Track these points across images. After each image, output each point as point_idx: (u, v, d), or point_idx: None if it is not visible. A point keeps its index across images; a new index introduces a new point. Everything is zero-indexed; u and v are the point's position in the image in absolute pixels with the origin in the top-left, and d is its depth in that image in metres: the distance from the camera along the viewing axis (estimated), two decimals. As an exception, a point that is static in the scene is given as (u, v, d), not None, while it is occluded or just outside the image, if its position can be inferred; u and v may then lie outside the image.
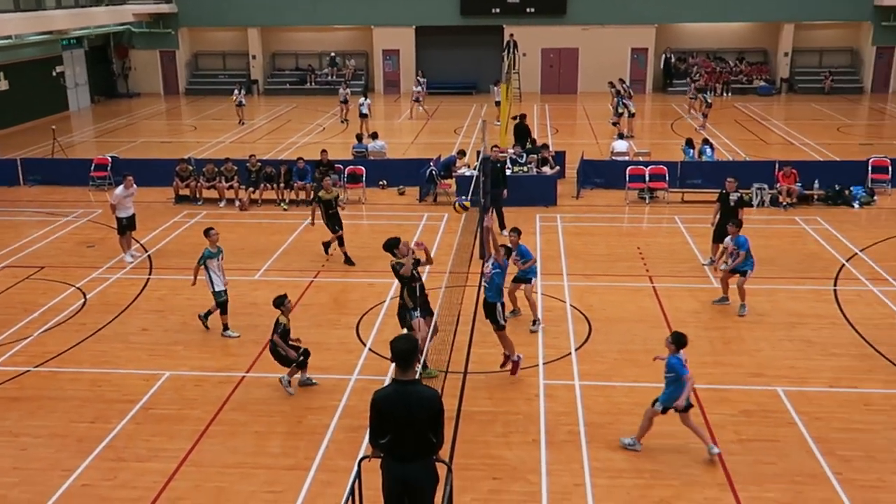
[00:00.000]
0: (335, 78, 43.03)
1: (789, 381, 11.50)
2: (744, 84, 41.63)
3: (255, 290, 15.26)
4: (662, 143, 28.34)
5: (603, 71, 40.45)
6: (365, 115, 31.62)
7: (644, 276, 15.77)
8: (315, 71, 44.20)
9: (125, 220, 17.08)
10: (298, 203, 21.41)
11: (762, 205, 20.72)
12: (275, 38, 44.61)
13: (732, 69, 42.22)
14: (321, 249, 17.47)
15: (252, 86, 43.76)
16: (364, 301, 14.60)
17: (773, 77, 42.19)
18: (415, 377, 6.78)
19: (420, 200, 21.49)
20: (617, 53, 41.65)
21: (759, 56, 43.15)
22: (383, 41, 42.76)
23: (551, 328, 13.37)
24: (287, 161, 22.54)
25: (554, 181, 21.17)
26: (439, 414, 6.78)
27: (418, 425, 6.72)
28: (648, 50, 42.03)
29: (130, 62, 43.69)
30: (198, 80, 44.45)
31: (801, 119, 33.88)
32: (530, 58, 41.67)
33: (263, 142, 30.03)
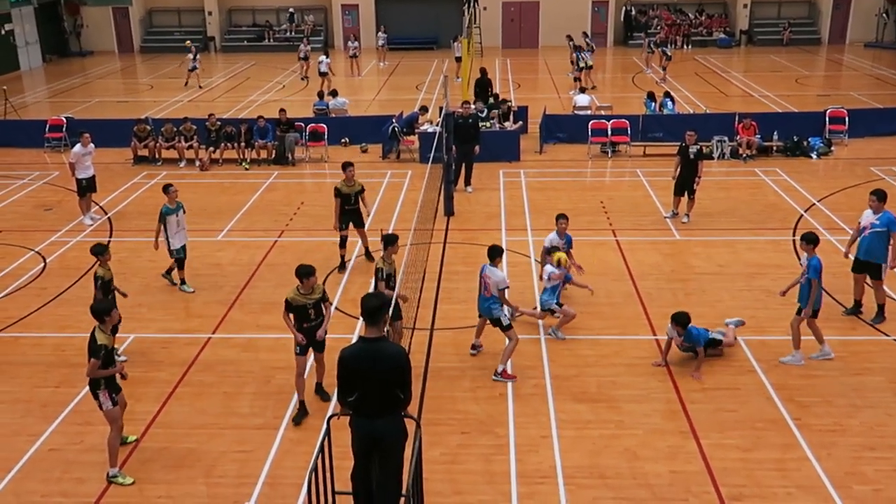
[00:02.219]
0: (294, 34, 42.30)
1: (750, 330, 11.72)
2: (703, 36, 41.72)
3: (218, 251, 15.12)
4: (624, 97, 28.38)
5: (564, 25, 40.26)
6: (325, 73, 31.21)
7: (607, 229, 15.89)
8: (273, 27, 43.42)
9: (85, 182, 16.73)
10: (260, 162, 21.18)
11: (722, 157, 20.90)
12: (231, -7, 43.67)
13: (692, 21, 42.26)
14: (284, 208, 17.31)
15: (209, 42, 42.89)
16: (329, 261, 14.54)
17: (733, 29, 42.30)
18: (382, 334, 6.80)
19: (383, 158, 21.36)
20: (578, 6, 41.47)
21: (719, 8, 43.19)
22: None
23: (516, 283, 13.44)
24: (247, 120, 22.21)
25: (517, 136, 21.15)
26: (406, 370, 6.83)
27: (385, 381, 6.77)
28: (609, 3, 41.85)
29: (82, 19, 42.51)
30: (152, 38, 43.46)
31: (760, 71, 34.10)
32: (491, 12, 41.32)
33: (222, 100, 29.52)
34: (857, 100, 27.01)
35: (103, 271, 10.84)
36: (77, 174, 16.62)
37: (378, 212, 17.07)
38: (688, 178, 15.97)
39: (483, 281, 10.82)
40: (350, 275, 13.92)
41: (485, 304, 10.82)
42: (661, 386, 10.45)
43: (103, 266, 10.88)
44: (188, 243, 13.63)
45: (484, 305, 10.85)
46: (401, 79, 33.73)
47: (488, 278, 10.71)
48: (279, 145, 21.10)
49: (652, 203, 17.43)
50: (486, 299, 10.80)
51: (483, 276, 10.82)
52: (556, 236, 12.66)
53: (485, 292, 10.81)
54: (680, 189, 16.14)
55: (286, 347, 11.51)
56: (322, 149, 21.70)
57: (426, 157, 19.09)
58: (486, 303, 10.80)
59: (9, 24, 36.61)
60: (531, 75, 34.44)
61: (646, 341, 11.57)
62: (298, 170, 20.78)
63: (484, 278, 10.79)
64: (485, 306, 10.83)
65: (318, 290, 9.93)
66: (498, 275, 10.67)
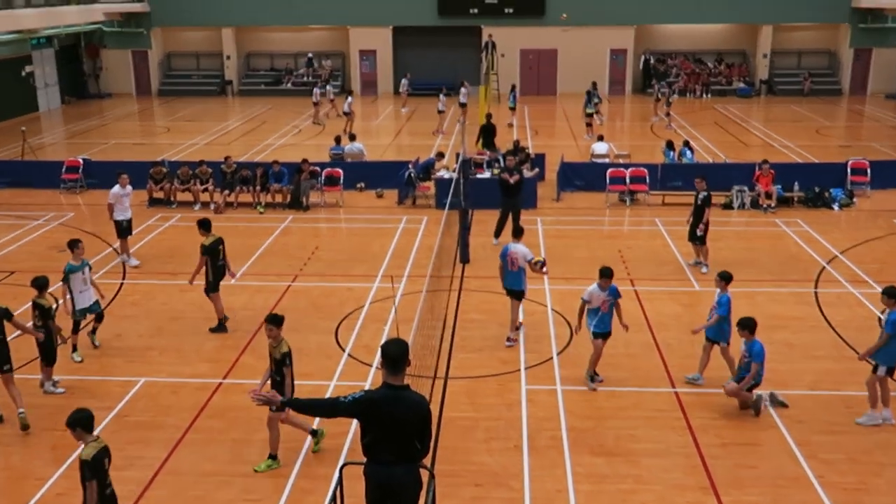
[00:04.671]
0: (311, 79, 42.93)
1: (771, 384, 11.62)
2: (723, 85, 42.02)
3: (231, 295, 15.18)
4: (642, 145, 28.55)
5: (582, 72, 40.67)
6: (347, 113, 31.63)
7: (626, 279, 15.87)
8: (291, 72, 44.10)
9: (124, 223, 16.96)
10: (275, 206, 21.37)
11: (743, 207, 20.92)
12: (249, 38, 44.46)
13: (711, 70, 42.60)
14: (298, 252, 17.43)
15: (226, 86, 43.58)
16: (343, 306, 14.59)
17: (752, 78, 42.62)
18: (405, 383, 6.78)
19: (399, 203, 21.51)
20: (596, 54, 41.90)
21: (738, 57, 43.57)
22: (360, 41, 42.75)
23: (533, 332, 13.42)
24: (263, 163, 22.48)
25: (534, 183, 21.27)
26: (427, 420, 6.80)
27: (406, 430, 6.73)
28: (627, 51, 42.31)
29: (102, 62, 43.34)
30: (171, 81, 44.20)
31: (781, 121, 34.25)
32: (509, 58, 41.81)
33: (238, 144, 29.90)
34: (879, 151, 27.04)
35: (43, 301, 11.27)
36: (115, 216, 16.83)
37: (393, 257, 17.16)
38: (695, 225, 16.24)
39: (509, 258, 12.79)
40: (364, 321, 13.94)
41: (513, 277, 12.85)
42: (681, 440, 10.35)
43: (42, 297, 11.32)
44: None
45: (512, 279, 12.86)
46: (418, 124, 34.09)
47: (515, 254, 12.77)
48: (295, 189, 21.30)
49: (671, 252, 17.43)
50: (513, 274, 12.84)
51: (509, 253, 12.81)
52: (597, 289, 11.57)
53: (511, 267, 12.81)
54: (691, 235, 16.45)
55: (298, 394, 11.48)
56: (337, 194, 21.89)
57: (442, 203, 19.21)
58: (513, 276, 12.84)
59: (29, 65, 37.37)
60: (549, 122, 34.74)
61: (665, 394, 11.48)
62: (313, 214, 20.95)
63: (510, 255, 12.79)
64: (513, 279, 12.85)
65: (283, 346, 9.67)
66: (523, 249, 12.84)
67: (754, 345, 10.72)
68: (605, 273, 11.47)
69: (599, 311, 11.51)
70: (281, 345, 9.69)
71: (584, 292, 11.63)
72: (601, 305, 11.49)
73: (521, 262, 12.80)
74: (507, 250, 12.91)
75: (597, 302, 11.50)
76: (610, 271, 11.52)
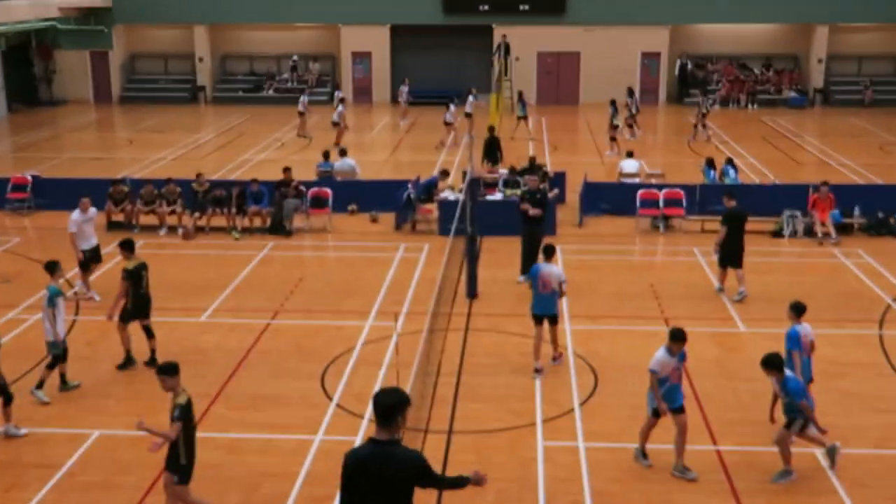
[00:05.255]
0: (296, 84, 43.24)
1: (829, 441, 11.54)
2: (771, 94, 42.22)
3: (202, 334, 15.19)
4: (678, 163, 28.63)
5: (609, 78, 40.83)
6: (337, 123, 31.85)
7: (658, 318, 15.85)
8: (273, 76, 44.42)
9: (88, 253, 17.04)
10: (253, 231, 21.43)
11: (794, 235, 20.92)
12: (225, 37, 44.84)
13: (758, 77, 42.83)
14: (279, 284, 17.44)
15: (198, 93, 43.88)
16: (330, 347, 14.57)
17: (805, 87, 42.81)
18: (395, 437, 6.76)
19: (396, 229, 21.56)
20: (624, 58, 42.13)
21: (790, 63, 43.80)
22: (353, 42, 43.10)
23: (551, 380, 13.39)
24: (240, 182, 22.54)
25: (553, 207, 21.28)
26: (425, 471, 6.79)
27: (395, 491, 6.71)
28: (661, 55, 42.58)
29: (55, 64, 43.67)
30: (135, 86, 44.53)
31: (838, 135, 34.35)
32: (524, 63, 42.09)
33: (212, 159, 30.05)
34: (952, 171, 27.11)
35: None
36: (79, 244, 16.86)
37: (389, 291, 17.17)
38: (736, 246, 16.73)
39: (540, 280, 13.39)
40: (355, 365, 13.92)
41: (545, 301, 13.44)
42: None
43: None
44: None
45: (544, 303, 13.44)
46: (419, 137, 34.25)
47: (548, 275, 13.37)
48: (276, 212, 21.38)
49: (711, 287, 17.41)
50: (545, 297, 13.43)
51: (540, 275, 13.41)
52: (667, 356, 10.74)
53: (543, 290, 13.40)
54: (724, 259, 16.85)
55: (279, 450, 11.46)
56: (325, 217, 21.95)
57: (446, 229, 19.24)
58: (545, 300, 13.43)
59: (-29, 68, 37.69)
60: (570, 135, 34.89)
61: (705, 452, 11.41)
62: (297, 241, 21.00)
63: (542, 277, 13.38)
64: (546, 303, 13.44)
65: (181, 397, 9.47)
66: (557, 270, 13.59)
67: (787, 382, 10.64)
68: (676, 336, 10.69)
69: (669, 380, 10.75)
70: (179, 396, 9.54)
71: (651, 361, 10.74)
72: (671, 374, 10.74)
73: (553, 285, 13.43)
74: (538, 271, 13.51)
75: (666, 371, 10.72)
76: (683, 334, 10.73)
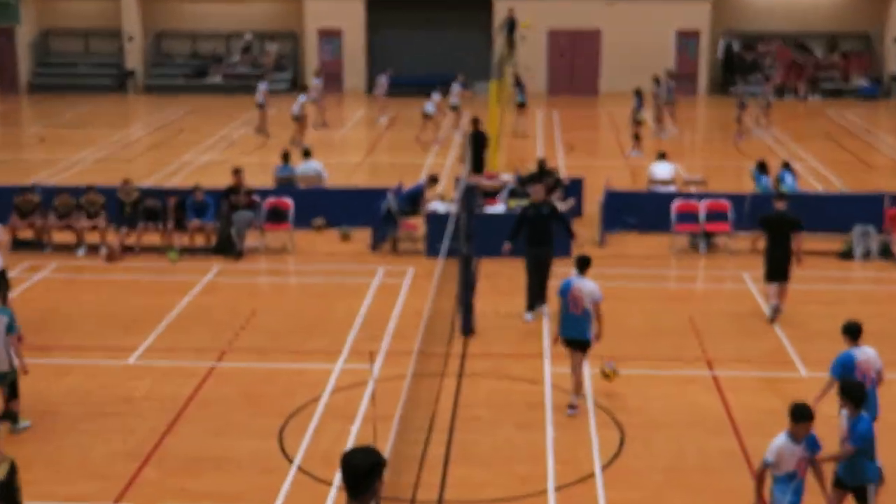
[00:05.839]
0: (250, 69, 43.31)
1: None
2: (837, 82, 42.44)
3: (130, 380, 15.10)
4: (723, 167, 28.72)
5: (637, 63, 40.96)
6: (298, 117, 31.92)
7: (699, 359, 15.84)
8: (221, 59, 44.47)
9: None
10: (194, 251, 21.37)
11: (867, 256, 20.95)
12: (161, 10, 44.94)
13: (820, 61, 43.06)
14: (227, 318, 17.39)
15: (127, 79, 43.89)
16: (291, 396, 14.49)
17: (879, 73, 43.04)
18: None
19: (373, 249, 21.51)
20: (656, 37, 42.35)
21: (859, 44, 44.05)
22: (320, 18, 43.25)
23: (565, 436, 13.34)
24: (178, 190, 22.49)
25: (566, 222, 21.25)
26: None
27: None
28: (701, 34, 42.81)
29: (-51, 44, 43.71)
30: (48, 71, 44.57)
31: (920, 133, 34.53)
32: (532, 44, 42.18)
33: (144, 161, 30.03)
34: None
35: None
36: None
37: (365, 327, 17.13)
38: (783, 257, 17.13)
39: (571, 297, 13.64)
40: (322, 418, 13.85)
41: (575, 323, 13.69)
42: None
43: None
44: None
45: (574, 325, 13.70)
46: (401, 135, 34.29)
47: (579, 291, 13.62)
48: (223, 227, 21.32)
49: (765, 322, 17.40)
50: (575, 319, 13.66)
51: (571, 289, 13.67)
52: (788, 441, 9.83)
53: (574, 309, 13.64)
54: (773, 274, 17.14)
55: (224, 525, 11.36)
56: (285, 234, 21.90)
57: (435, 249, 19.21)
58: (575, 322, 13.68)
59: None
60: (588, 133, 34.99)
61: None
62: (249, 263, 20.96)
63: (573, 293, 13.64)
64: (575, 326, 13.70)
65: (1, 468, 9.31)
66: (591, 285, 13.71)
67: (859, 422, 10.48)
68: (801, 414, 9.70)
69: (796, 476, 9.76)
70: None
71: (767, 451, 9.86)
72: (797, 467, 9.76)
73: (586, 303, 13.65)
74: (570, 286, 13.84)
75: (789, 464, 9.72)
76: (809, 412, 9.77)
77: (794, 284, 17.36)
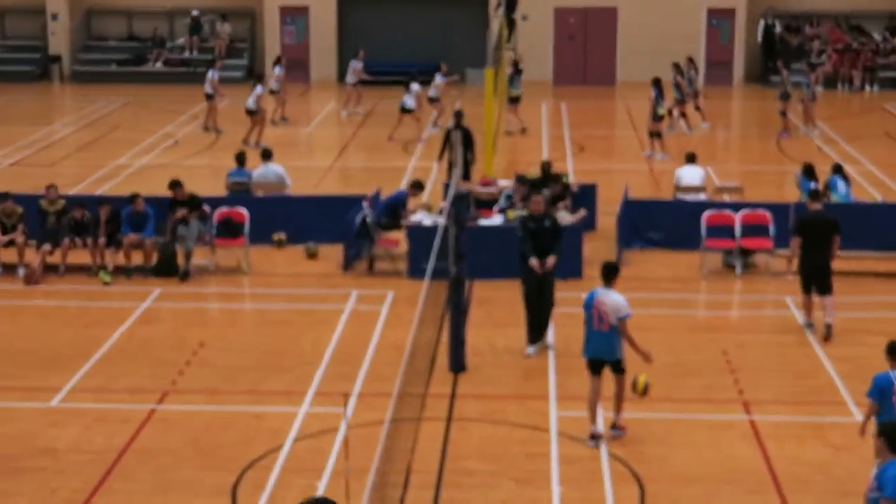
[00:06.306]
0: (197, 54, 43.31)
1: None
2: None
3: (52, 427, 15.04)
4: (762, 171, 28.75)
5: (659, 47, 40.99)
6: (254, 111, 31.83)
7: (735, 400, 15.84)
8: (163, 42, 44.43)
9: None
10: (131, 272, 21.31)
11: (935, 279, 21.03)
12: (93, -16, 44.98)
13: (879, 46, 43.15)
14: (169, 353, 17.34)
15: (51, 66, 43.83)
16: (246, 445, 14.46)
17: (948, 60, 43.21)
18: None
19: (346, 269, 21.49)
20: (683, 18, 42.44)
21: (925, 24, 44.21)
22: (282, -8, 43.36)
23: (575, 493, 13.34)
24: (111, 198, 22.43)
25: (577, 237, 21.25)
26: None
27: None
28: (736, 12, 42.91)
29: None
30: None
31: None
32: (534, 23, 42.31)
33: (71, 164, 29.99)
34: None
35: None
36: None
37: (335, 363, 17.13)
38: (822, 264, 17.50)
39: (595, 310, 14.01)
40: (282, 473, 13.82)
41: (601, 340, 14.05)
42: None
43: None
44: None
45: (600, 343, 14.06)
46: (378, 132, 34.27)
47: (603, 304, 13.96)
48: (167, 243, 21.25)
49: (813, 356, 17.42)
50: (601, 336, 14.02)
51: (595, 303, 14.06)
52: None
53: (599, 325, 14.01)
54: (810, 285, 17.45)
55: None
56: (240, 251, 21.86)
57: (419, 269, 19.19)
58: (602, 339, 14.04)
59: None
60: (602, 131, 35.02)
61: None
62: (197, 286, 20.95)
63: (597, 306, 14.02)
64: (601, 344, 14.04)
65: None
66: (616, 298, 14.01)
67: (889, 468, 10.42)
68: None
69: None
70: None
71: None
72: None
73: (612, 319, 14.00)
74: (594, 298, 14.25)
75: None
76: None
77: (848, 312, 17.38)
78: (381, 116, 36.69)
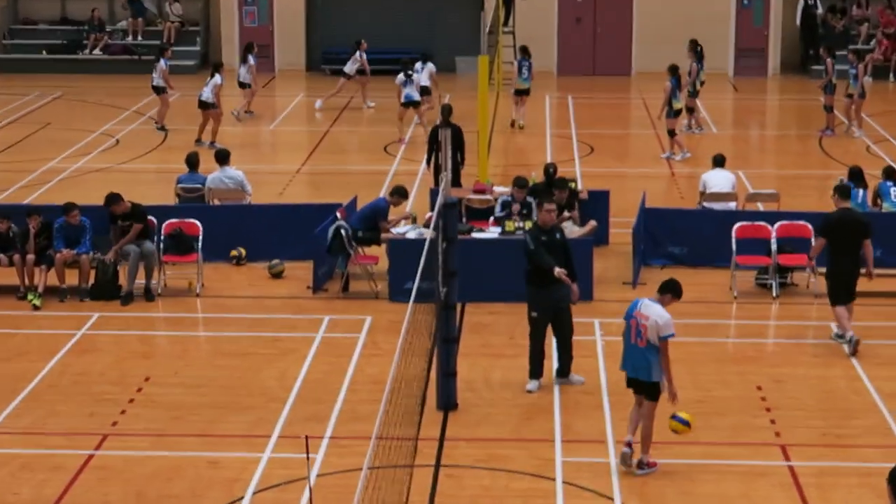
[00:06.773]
0: (141, 40, 43.34)
1: None
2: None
3: (-29, 476, 15.05)
4: (802, 177, 28.82)
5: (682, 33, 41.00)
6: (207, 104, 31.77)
7: (772, 444, 15.84)
8: (102, 27, 44.46)
9: None
10: (64, 294, 21.28)
11: None
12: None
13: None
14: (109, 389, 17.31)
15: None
16: (198, 497, 14.46)
17: None
18: None
19: (315, 290, 21.51)
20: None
21: None
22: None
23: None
24: (40, 207, 22.42)
25: (588, 251, 21.27)
26: None
27: None
28: (771, -9, 43.12)
29: None
30: None
31: None
32: (536, 5, 42.37)
33: (-6, 168, 29.98)
34: None
35: None
36: None
37: (302, 401, 17.09)
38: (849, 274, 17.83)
39: (634, 322, 14.26)
40: (242, 529, 13.83)
41: (637, 356, 14.31)
42: None
43: None
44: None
45: (637, 359, 14.34)
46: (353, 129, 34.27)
47: (644, 318, 14.15)
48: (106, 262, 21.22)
49: (864, 391, 17.43)
50: (637, 350, 14.29)
51: (636, 314, 14.29)
52: None
53: (636, 339, 14.24)
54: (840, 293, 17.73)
55: None
56: (191, 269, 21.85)
57: (402, 291, 19.22)
58: (638, 355, 14.30)
59: None
60: (615, 129, 35.13)
61: None
62: (142, 310, 20.93)
63: (637, 317, 14.24)
64: (639, 360, 14.30)
65: None
66: (660, 313, 14.14)
67: None
68: None
69: None
70: None
71: None
72: None
73: (650, 335, 14.20)
74: (636, 308, 14.48)
75: None
76: None
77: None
78: (355, 112, 36.69)
